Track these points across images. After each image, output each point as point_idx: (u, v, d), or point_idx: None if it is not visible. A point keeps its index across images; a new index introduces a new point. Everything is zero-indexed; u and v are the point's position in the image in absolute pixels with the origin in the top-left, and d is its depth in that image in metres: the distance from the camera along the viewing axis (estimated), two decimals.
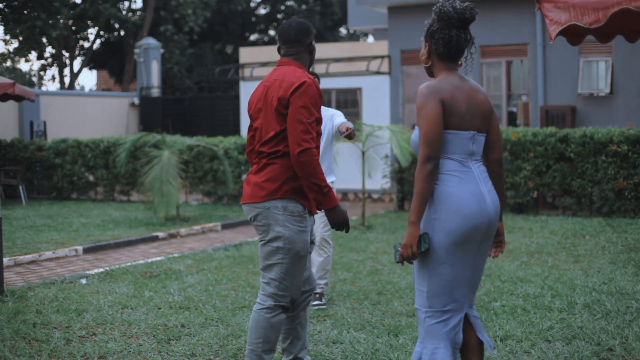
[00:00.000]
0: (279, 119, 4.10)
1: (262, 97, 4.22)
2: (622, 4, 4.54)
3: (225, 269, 8.08)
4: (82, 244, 9.78)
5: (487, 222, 3.60)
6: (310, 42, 4.30)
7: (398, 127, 11.94)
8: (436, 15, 3.66)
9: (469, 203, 3.53)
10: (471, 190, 3.56)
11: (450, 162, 3.58)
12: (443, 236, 3.53)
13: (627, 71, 14.76)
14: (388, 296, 6.67)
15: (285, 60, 4.29)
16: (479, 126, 3.64)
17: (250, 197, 4.19)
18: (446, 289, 3.58)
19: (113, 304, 6.46)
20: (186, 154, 14.50)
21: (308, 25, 4.30)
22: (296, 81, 4.08)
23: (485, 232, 3.62)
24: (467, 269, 3.60)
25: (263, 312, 4.20)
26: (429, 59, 3.73)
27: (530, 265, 7.88)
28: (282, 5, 33.40)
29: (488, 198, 3.61)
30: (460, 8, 3.60)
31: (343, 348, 5.14)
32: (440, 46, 3.65)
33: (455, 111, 3.57)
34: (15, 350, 5.16)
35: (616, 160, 11.49)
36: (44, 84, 34.64)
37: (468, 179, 3.58)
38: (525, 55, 15.81)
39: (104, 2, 24.16)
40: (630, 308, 5.95)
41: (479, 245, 3.62)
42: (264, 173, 4.15)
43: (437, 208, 3.54)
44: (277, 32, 4.26)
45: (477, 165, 3.65)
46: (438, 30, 3.66)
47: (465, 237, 3.54)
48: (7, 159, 16.16)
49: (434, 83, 3.61)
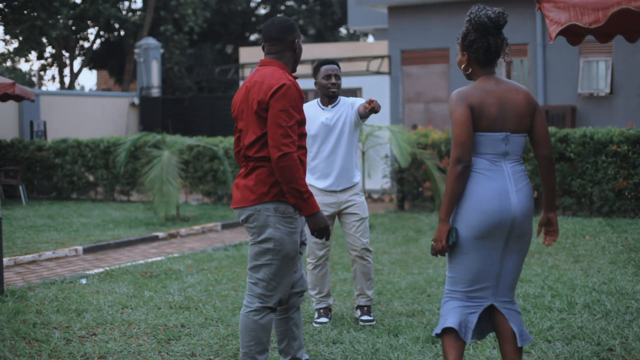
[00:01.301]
0: (260, 123, 4.06)
1: (244, 99, 4.16)
2: (622, 4, 4.53)
3: (225, 269, 8.08)
4: (82, 244, 9.78)
5: (510, 220, 3.80)
6: (293, 40, 4.21)
7: (398, 127, 11.93)
8: (472, 26, 3.83)
9: (490, 200, 3.77)
10: (495, 188, 3.79)
11: (482, 160, 3.83)
12: (464, 230, 3.82)
13: (627, 71, 14.77)
14: (388, 296, 6.67)
15: (267, 60, 4.23)
16: (514, 127, 3.83)
17: (240, 201, 4.16)
18: (468, 276, 3.86)
19: (113, 304, 6.46)
20: (186, 154, 14.50)
21: (291, 23, 4.23)
22: (275, 84, 4.02)
23: (509, 229, 3.81)
24: (493, 263, 3.85)
25: (251, 315, 4.16)
26: (469, 67, 3.93)
27: (530, 265, 7.88)
28: (282, 5, 33.42)
29: (514, 197, 3.81)
30: (494, 16, 3.80)
31: (343, 348, 5.14)
32: (480, 54, 3.85)
33: (485, 114, 3.78)
34: (15, 350, 5.16)
35: (616, 160, 11.49)
36: (44, 84, 34.65)
37: (496, 178, 3.80)
38: (525, 55, 15.81)
39: (104, 2, 24.16)
40: (630, 308, 5.95)
41: (506, 242, 3.84)
42: (252, 176, 4.11)
43: (461, 203, 3.82)
44: (261, 29, 4.19)
45: (512, 165, 3.86)
46: (476, 40, 3.84)
47: (484, 232, 3.78)
48: (7, 159, 16.16)
49: (464, 89, 3.84)
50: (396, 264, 8.21)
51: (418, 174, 13.09)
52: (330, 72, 5.77)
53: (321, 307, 5.89)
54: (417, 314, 6.04)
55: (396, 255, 8.80)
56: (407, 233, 10.47)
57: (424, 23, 16.66)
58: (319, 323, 5.80)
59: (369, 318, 5.80)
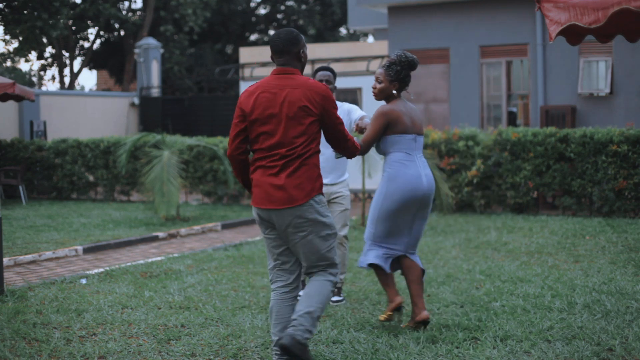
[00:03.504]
0: (304, 122, 4.46)
1: (275, 104, 4.47)
2: (622, 4, 4.54)
3: (225, 269, 8.08)
4: (82, 244, 9.78)
5: (422, 195, 5.47)
6: (298, 51, 4.58)
7: None
8: (404, 65, 5.55)
9: (409, 181, 5.42)
10: (412, 174, 5.44)
11: (401, 154, 5.48)
12: (389, 202, 5.46)
13: (627, 71, 14.76)
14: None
15: (284, 69, 4.57)
16: (418, 131, 5.55)
17: (288, 201, 4.46)
18: (387, 234, 5.55)
19: (113, 304, 6.46)
20: (186, 154, 14.50)
21: (296, 35, 4.58)
22: (320, 88, 4.52)
23: (421, 201, 5.49)
24: (406, 225, 5.54)
25: (330, 285, 4.60)
26: (391, 92, 5.58)
27: (530, 265, 7.89)
28: (282, 5, 33.40)
29: (424, 179, 5.47)
30: (416, 60, 5.62)
31: (343, 348, 5.14)
32: (405, 84, 5.61)
33: (401, 122, 5.46)
34: (15, 350, 5.16)
35: (616, 160, 11.49)
36: (44, 84, 34.63)
37: (411, 166, 5.47)
38: (525, 55, 15.82)
39: (104, 2, 24.16)
40: (630, 308, 5.95)
41: (417, 210, 5.52)
42: (298, 174, 4.46)
43: (388, 184, 5.48)
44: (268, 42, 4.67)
45: (420, 157, 5.54)
46: (406, 75, 5.58)
47: (404, 204, 5.45)
48: (7, 159, 16.16)
49: (389, 106, 5.51)
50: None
51: None
52: (322, 78, 6.43)
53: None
54: None
55: None
56: None
57: (424, 23, 16.67)
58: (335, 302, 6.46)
59: (339, 298, 6.51)
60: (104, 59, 28.62)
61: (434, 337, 5.30)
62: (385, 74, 5.53)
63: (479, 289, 6.84)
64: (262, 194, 4.51)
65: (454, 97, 16.44)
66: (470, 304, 6.27)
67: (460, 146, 12.71)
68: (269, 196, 4.47)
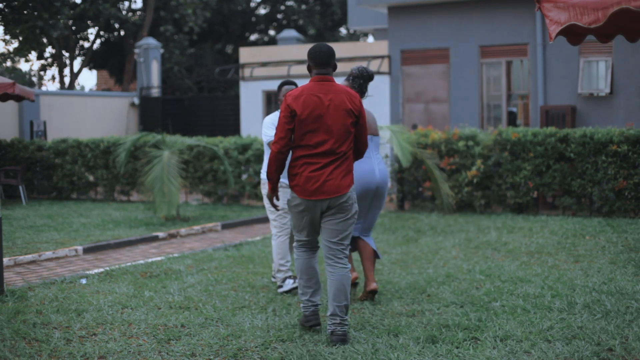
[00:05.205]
0: (347, 123, 5.31)
1: (321, 105, 5.26)
2: (622, 3, 4.54)
3: (225, 269, 8.08)
4: (82, 244, 9.78)
5: (375, 186, 6.47)
6: (335, 63, 5.46)
7: (398, 127, 11.94)
8: (366, 78, 6.45)
9: (363, 175, 6.37)
10: (366, 169, 6.41)
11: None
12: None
13: (627, 71, 14.76)
14: (388, 296, 6.67)
15: (325, 77, 5.39)
16: (373, 132, 6.54)
17: (337, 190, 5.30)
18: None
19: (113, 304, 6.46)
20: (186, 154, 14.50)
21: (333, 50, 5.48)
22: (357, 95, 5.44)
23: (375, 191, 6.48)
24: (362, 212, 6.53)
25: (349, 272, 5.42)
26: None
27: (530, 265, 7.89)
28: (282, 5, 33.39)
29: (377, 173, 6.47)
30: (372, 72, 6.49)
31: (343, 348, 5.14)
32: (363, 94, 6.45)
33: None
34: (15, 350, 5.16)
35: (616, 160, 11.49)
36: (44, 84, 34.64)
37: (367, 162, 6.43)
38: (525, 55, 15.82)
39: (104, 2, 24.15)
40: (630, 308, 5.96)
41: (372, 199, 6.52)
42: (344, 168, 5.34)
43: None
44: (308, 54, 5.44)
45: (376, 154, 6.55)
46: (365, 87, 6.49)
47: (360, 194, 6.37)
48: (7, 159, 16.16)
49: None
50: (396, 264, 8.21)
51: (418, 173, 13.10)
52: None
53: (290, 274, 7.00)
54: (417, 314, 6.04)
55: (396, 255, 8.80)
56: (407, 233, 10.47)
57: (424, 23, 16.66)
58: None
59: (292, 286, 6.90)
60: (104, 59, 28.61)
61: (434, 337, 5.30)
62: (350, 86, 6.46)
63: (479, 289, 6.84)
64: (310, 186, 5.26)
65: (454, 97, 16.44)
66: (470, 304, 6.27)
67: (460, 146, 12.71)
68: (318, 187, 5.24)
